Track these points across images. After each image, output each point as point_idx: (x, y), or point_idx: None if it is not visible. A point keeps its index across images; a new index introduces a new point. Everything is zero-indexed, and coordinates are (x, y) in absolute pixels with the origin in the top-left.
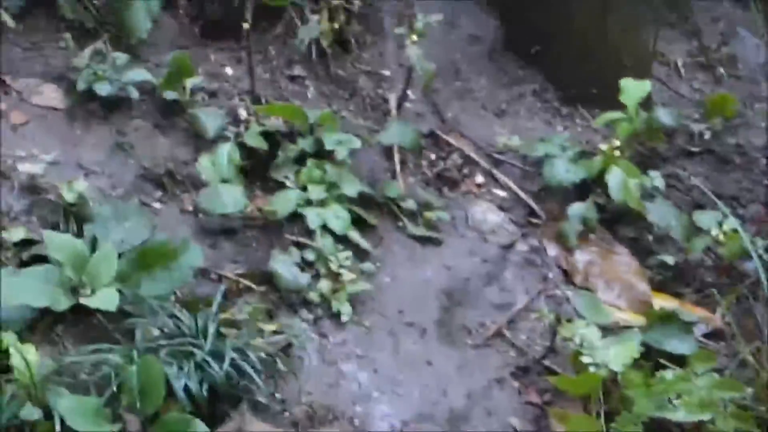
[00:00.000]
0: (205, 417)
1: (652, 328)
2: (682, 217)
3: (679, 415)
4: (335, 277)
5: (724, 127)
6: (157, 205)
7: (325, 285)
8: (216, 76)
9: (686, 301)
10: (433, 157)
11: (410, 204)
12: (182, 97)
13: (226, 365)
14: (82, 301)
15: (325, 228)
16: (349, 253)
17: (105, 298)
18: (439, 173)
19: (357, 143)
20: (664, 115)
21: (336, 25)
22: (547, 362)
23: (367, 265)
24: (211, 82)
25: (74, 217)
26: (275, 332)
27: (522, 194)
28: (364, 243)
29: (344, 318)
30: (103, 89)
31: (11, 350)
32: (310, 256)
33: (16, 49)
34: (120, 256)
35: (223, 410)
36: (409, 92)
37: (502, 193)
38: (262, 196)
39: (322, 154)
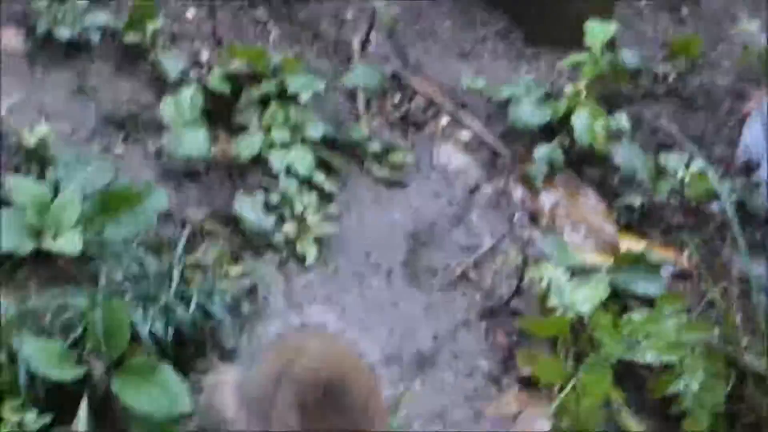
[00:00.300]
0: (170, 361)
1: (619, 270)
2: (648, 159)
3: (648, 356)
4: (300, 219)
5: (689, 68)
6: (119, 149)
7: (290, 228)
8: (178, 19)
9: (653, 242)
10: (397, 99)
11: (375, 146)
12: (144, 41)
13: (191, 309)
14: (45, 245)
15: (289, 171)
16: (313, 196)
17: (68, 242)
18: (403, 116)
19: (320, 86)
20: (629, 57)
21: None
22: (514, 304)
23: (332, 208)
24: (172, 25)
25: (36, 161)
26: (240, 275)
27: (487, 136)
28: (328, 186)
29: (309, 260)
30: (63, 33)
31: None
32: (274, 199)
33: None
34: (83, 200)
35: (188, 354)
36: (372, 35)
37: (467, 136)
38: (225, 139)
39: (285, 97)
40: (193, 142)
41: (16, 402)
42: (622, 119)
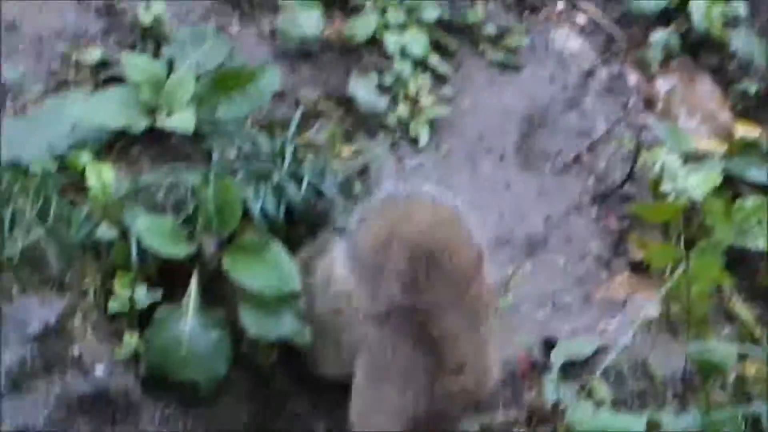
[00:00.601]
0: (281, 240)
1: (733, 157)
2: (765, 46)
3: (760, 243)
4: (413, 101)
5: None
6: (234, 28)
7: (403, 109)
8: None
9: None
10: None
11: (490, 29)
12: None
13: (303, 187)
14: (159, 122)
15: (403, 52)
16: (427, 78)
17: (182, 120)
18: None
19: None
20: None
21: None
22: (626, 189)
23: (446, 90)
24: None
25: (151, 39)
26: (352, 155)
27: (603, 20)
28: (443, 68)
29: (422, 142)
30: None
31: (87, 170)
32: (388, 80)
33: None
34: (197, 78)
35: (299, 234)
36: None
37: (583, 20)
38: (340, 20)
39: None
40: (308, 22)
41: (128, 277)
42: (740, 5)
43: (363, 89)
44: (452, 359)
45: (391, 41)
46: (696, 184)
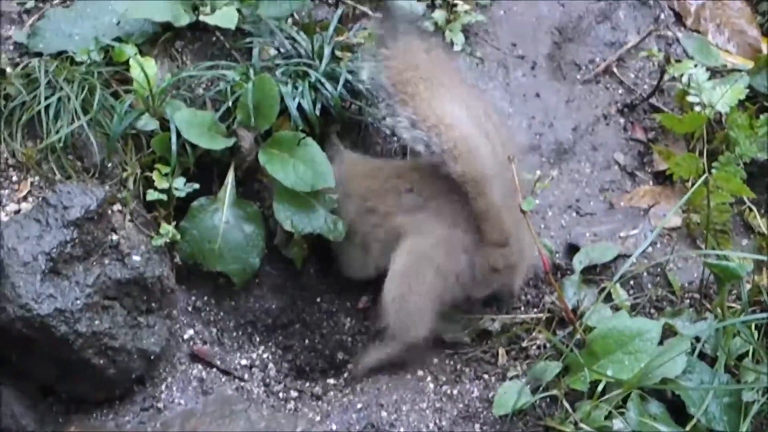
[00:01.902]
0: (316, 137)
1: (759, 73)
2: None
3: None
4: (450, 7)
5: None
6: None
7: (439, 15)
8: None
9: None
10: None
11: None
12: None
13: (339, 87)
14: (202, 18)
15: None
16: None
17: (224, 16)
18: None
19: None
20: None
21: None
22: (653, 100)
23: None
24: None
25: None
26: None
27: None
28: None
29: (457, 48)
30: None
31: (131, 62)
32: None
33: None
34: None
35: (335, 132)
36: None
37: None
38: None
39: None
40: None
41: (167, 168)
42: None
43: None
44: (496, 231)
45: None
46: (722, 96)
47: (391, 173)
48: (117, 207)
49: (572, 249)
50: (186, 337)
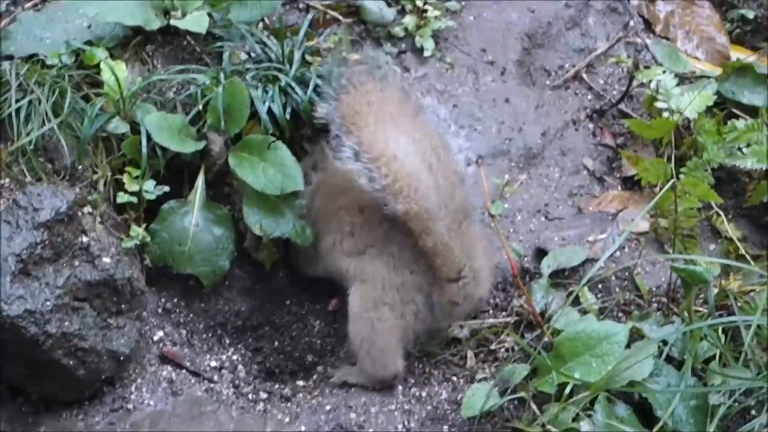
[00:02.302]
0: (286, 140)
1: (727, 79)
2: None
3: (748, 162)
4: (420, 12)
5: None
6: None
7: (410, 20)
8: None
9: (763, 55)
10: None
11: None
12: None
13: (309, 91)
14: (173, 22)
15: None
16: None
17: (195, 20)
18: None
19: None
20: None
21: None
22: (622, 106)
23: (452, 3)
24: None
25: None
26: (358, 62)
27: None
28: None
29: (427, 53)
30: None
31: (102, 66)
32: None
33: None
34: None
35: (304, 135)
36: None
37: None
38: None
39: None
40: None
41: (137, 171)
42: None
43: None
44: (448, 266)
45: None
46: (690, 102)
47: (342, 205)
48: (87, 209)
49: (541, 253)
50: (156, 338)
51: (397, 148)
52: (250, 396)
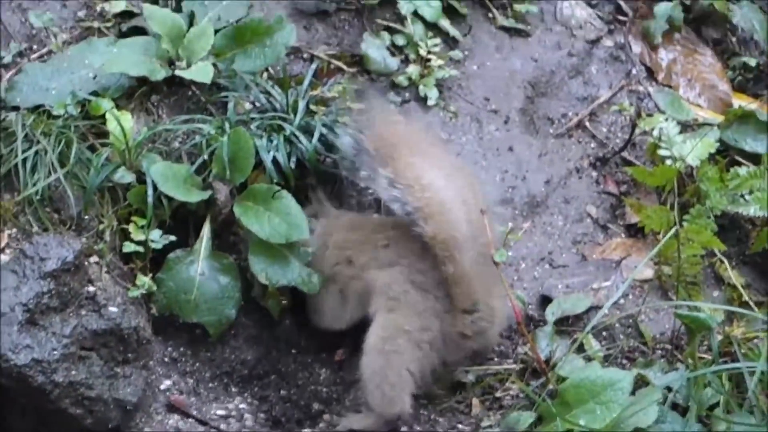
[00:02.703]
0: (291, 189)
1: (729, 127)
2: (766, 20)
3: (751, 210)
4: (424, 62)
5: None
6: None
7: (413, 69)
8: None
9: (765, 102)
10: None
11: None
12: None
13: (314, 140)
14: (178, 72)
15: (416, 14)
16: (438, 40)
17: (200, 71)
18: None
19: None
20: None
21: None
22: (625, 154)
23: (456, 53)
24: None
25: None
26: (354, 119)
27: None
28: (453, 31)
29: (431, 102)
30: None
31: (108, 116)
32: (400, 41)
33: None
34: (216, 32)
35: (309, 184)
36: None
37: None
38: None
39: None
40: None
41: (143, 221)
42: None
43: (375, 49)
44: (465, 297)
45: (405, 3)
46: (692, 150)
47: (370, 228)
48: (94, 259)
49: (545, 300)
50: (162, 387)
51: (431, 178)
52: None
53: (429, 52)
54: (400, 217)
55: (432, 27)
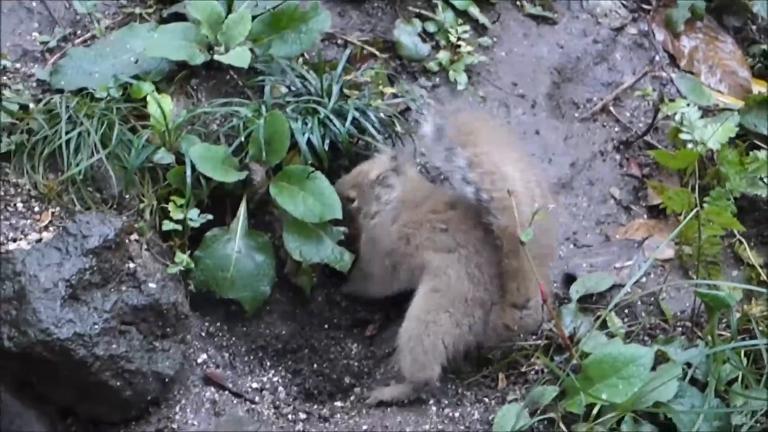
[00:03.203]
0: (325, 171)
1: (749, 112)
2: None
3: None
4: (454, 48)
5: None
6: None
7: (443, 55)
8: None
9: None
10: None
11: None
12: None
13: (347, 123)
14: (217, 57)
15: (446, 2)
16: (468, 27)
17: (238, 56)
18: None
19: None
20: None
21: None
22: (648, 138)
23: (485, 40)
24: None
25: None
26: (395, 96)
27: None
28: (483, 18)
29: (460, 87)
30: None
31: (148, 99)
32: (431, 27)
33: None
34: (253, 18)
35: (342, 166)
36: None
37: None
38: None
39: None
40: None
41: (182, 200)
42: None
43: (407, 35)
44: (520, 293)
45: None
46: (713, 134)
47: (429, 207)
48: (134, 236)
49: (570, 279)
50: (199, 360)
51: (507, 170)
52: (289, 416)
53: (459, 39)
54: (459, 198)
55: (462, 14)
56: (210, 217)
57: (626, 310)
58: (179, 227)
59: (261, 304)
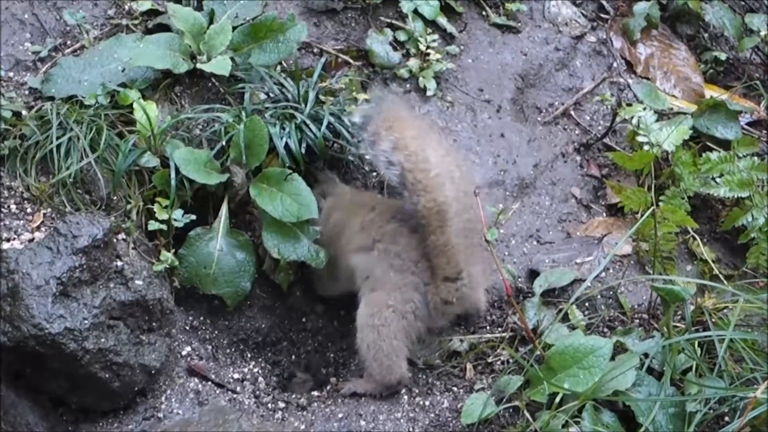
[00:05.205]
0: (301, 173)
1: (702, 115)
2: (735, 19)
3: (721, 191)
4: (423, 56)
5: None
6: None
7: (414, 63)
8: None
9: (735, 93)
10: None
11: None
12: None
13: (323, 127)
14: (200, 66)
15: (416, 12)
16: (436, 36)
17: (219, 64)
18: None
19: None
20: None
21: None
22: (607, 140)
23: (452, 48)
24: None
25: None
26: (367, 101)
27: None
28: (450, 28)
29: (429, 92)
30: None
31: (135, 105)
32: (402, 36)
33: None
34: (234, 29)
35: (318, 168)
36: None
37: None
38: None
39: None
40: None
41: (167, 201)
42: None
43: (379, 44)
44: (450, 267)
45: (405, 2)
46: (668, 136)
47: (352, 210)
48: (122, 236)
49: (533, 274)
50: (184, 353)
51: (430, 153)
52: (269, 405)
53: (428, 47)
54: (381, 199)
55: (431, 24)
56: (193, 217)
57: (587, 304)
58: (164, 227)
59: (242, 299)
